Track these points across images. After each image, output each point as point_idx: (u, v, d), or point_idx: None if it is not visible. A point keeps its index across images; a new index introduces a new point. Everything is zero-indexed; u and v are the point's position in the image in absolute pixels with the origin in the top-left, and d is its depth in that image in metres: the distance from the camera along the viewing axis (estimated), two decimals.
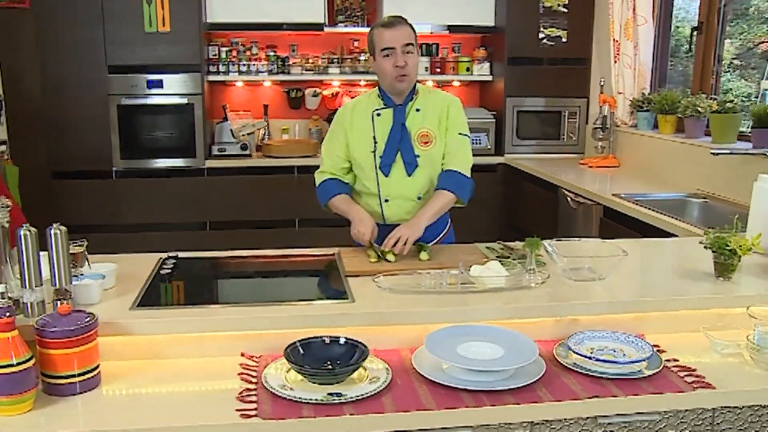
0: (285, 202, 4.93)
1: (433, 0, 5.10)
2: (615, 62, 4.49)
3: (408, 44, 2.40)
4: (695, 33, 4.05)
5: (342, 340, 1.76)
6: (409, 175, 2.50)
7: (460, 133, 2.52)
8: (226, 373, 1.74)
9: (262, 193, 4.92)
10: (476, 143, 5.10)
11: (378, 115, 2.51)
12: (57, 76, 4.62)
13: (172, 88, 4.72)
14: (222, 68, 5.02)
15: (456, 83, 5.55)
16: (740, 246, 2.04)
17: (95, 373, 1.67)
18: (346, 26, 5.19)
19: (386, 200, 2.55)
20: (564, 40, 4.99)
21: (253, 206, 4.95)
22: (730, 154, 3.15)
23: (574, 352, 1.76)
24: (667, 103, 4.06)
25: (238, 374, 1.73)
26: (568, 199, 3.97)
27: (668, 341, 1.93)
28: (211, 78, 5.02)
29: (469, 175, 2.54)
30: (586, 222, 3.76)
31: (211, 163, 4.87)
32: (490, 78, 5.32)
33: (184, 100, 4.74)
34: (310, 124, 5.42)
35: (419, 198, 2.53)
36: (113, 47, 4.62)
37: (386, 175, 2.51)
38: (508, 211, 5.08)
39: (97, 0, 4.54)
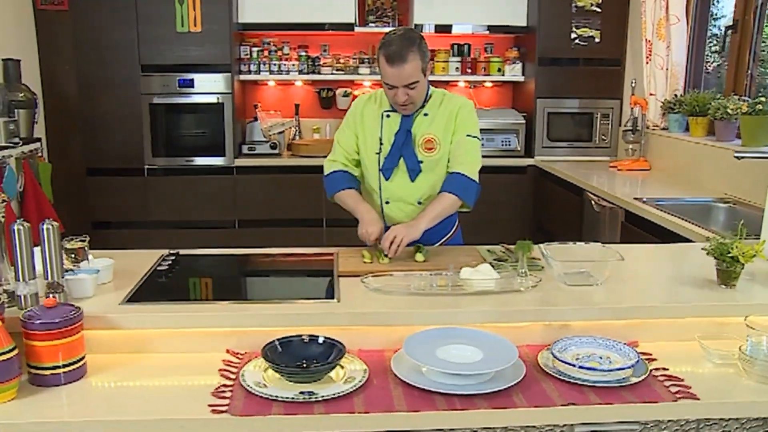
0: (313, 202, 4.96)
1: (465, 0, 5.07)
2: (647, 63, 4.37)
3: (410, 84, 2.30)
4: (730, 32, 3.92)
5: (321, 339, 1.76)
6: (412, 181, 2.48)
7: (468, 135, 2.46)
8: (209, 369, 1.76)
9: (290, 192, 4.97)
10: (505, 145, 5.04)
11: (387, 116, 2.48)
12: (92, 76, 4.77)
13: (203, 88, 4.81)
14: (253, 68, 5.09)
15: (488, 84, 5.50)
16: (743, 253, 1.96)
17: (80, 364, 1.71)
18: (377, 26, 5.20)
19: (387, 202, 2.54)
20: (597, 40, 4.89)
21: (282, 205, 5.00)
22: (755, 158, 3.03)
23: (557, 358, 1.72)
24: (698, 105, 3.93)
25: (219, 370, 1.75)
26: (592, 202, 3.89)
27: (662, 350, 1.87)
28: (243, 77, 5.10)
29: (475, 178, 2.47)
30: (608, 226, 3.68)
31: (240, 162, 4.95)
32: (522, 79, 5.25)
33: (215, 99, 4.83)
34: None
35: (419, 203, 2.51)
36: (146, 47, 4.74)
37: (387, 179, 2.50)
38: (537, 213, 5.01)
39: (131, 1, 4.66)
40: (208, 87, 4.81)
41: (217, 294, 2.01)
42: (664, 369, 1.76)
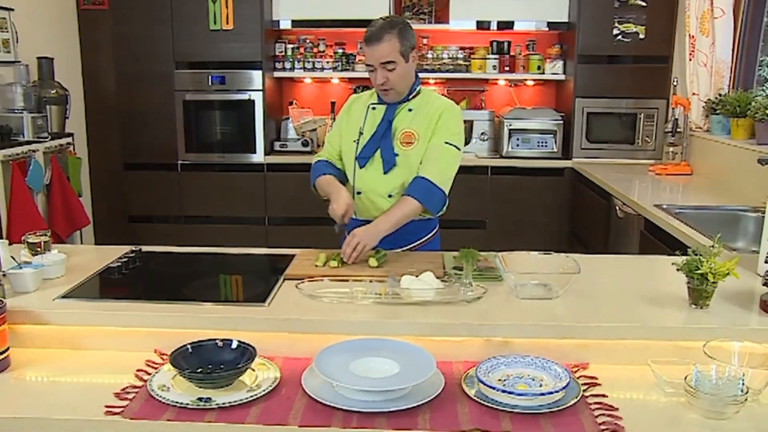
0: None
1: None
2: (689, 60, 4.07)
3: (387, 62, 2.30)
4: None
5: (234, 344, 1.70)
6: (385, 173, 2.44)
7: (446, 142, 2.42)
8: (130, 369, 1.74)
9: None
10: (542, 146, 4.83)
11: (373, 108, 2.50)
12: (130, 73, 4.90)
13: (234, 85, 4.85)
14: (288, 65, 5.09)
15: (530, 82, 5.29)
16: (712, 271, 1.76)
17: (2, 357, 1.72)
18: (412, 23, 5.06)
19: (358, 192, 2.50)
20: (641, 36, 4.60)
21: (311, 203, 4.96)
22: None
23: (479, 379, 1.59)
24: (740, 105, 3.62)
25: (137, 370, 1.72)
26: (617, 208, 3.66)
27: (613, 374, 1.71)
28: (277, 75, 5.11)
29: (442, 186, 2.40)
30: (628, 234, 3.44)
31: (271, 159, 4.96)
32: (563, 77, 5.01)
33: (246, 96, 4.86)
34: None
35: (390, 196, 2.46)
36: (180, 45, 4.83)
37: (361, 167, 2.47)
38: (573, 217, 4.77)
39: (167, 1, 4.75)
40: (240, 84, 4.85)
41: (155, 293, 1.98)
42: (603, 396, 1.60)
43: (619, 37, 4.61)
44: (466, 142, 5.08)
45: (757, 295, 1.95)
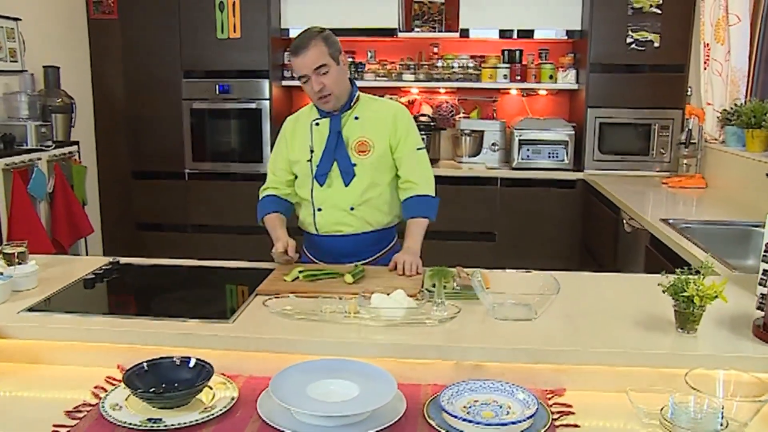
0: None
1: (514, 3, 4.80)
2: (704, 69, 3.94)
3: (319, 67, 2.27)
4: None
5: (192, 362, 1.64)
6: (347, 185, 2.39)
7: (418, 148, 2.44)
8: (90, 385, 1.69)
9: None
10: (553, 157, 4.71)
11: (316, 125, 2.43)
12: (138, 81, 4.90)
13: (241, 94, 4.83)
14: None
15: (542, 92, 5.18)
16: (699, 293, 1.65)
17: None
18: (422, 31, 5.02)
19: (319, 209, 2.44)
20: (656, 44, 4.46)
21: None
22: None
23: (441, 406, 1.50)
24: (755, 116, 3.48)
25: (94, 387, 1.67)
26: (624, 221, 3.53)
27: (589, 401, 1.61)
28: (286, 83, 5.08)
29: (433, 192, 2.44)
30: (636, 250, 3.32)
31: None
32: (576, 87, 4.90)
33: (253, 105, 4.83)
34: None
35: (351, 209, 2.41)
36: (188, 53, 4.82)
37: (321, 185, 2.41)
38: (584, 231, 4.64)
39: (175, 8, 4.76)
40: (247, 93, 4.83)
41: (123, 307, 1.94)
42: (575, 426, 1.50)
43: (633, 45, 4.48)
44: (477, 153, 5.00)
45: (751, 319, 1.83)
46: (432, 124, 5.02)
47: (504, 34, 4.85)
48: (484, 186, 4.75)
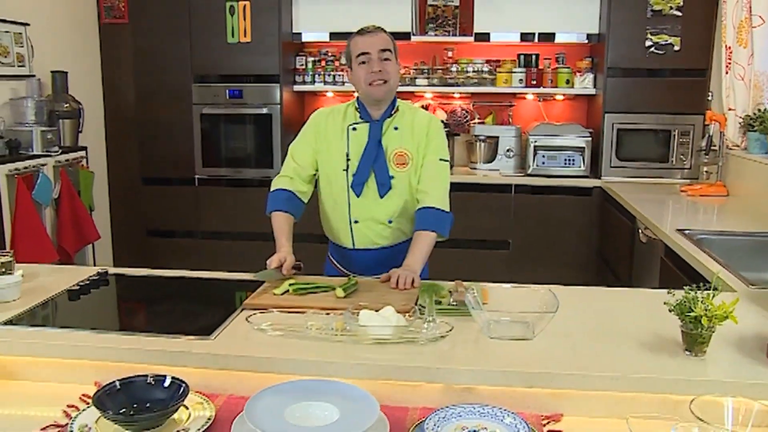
0: None
1: (531, 6, 4.69)
2: (726, 73, 3.79)
3: (385, 50, 2.24)
4: None
5: (167, 381, 1.56)
6: (382, 197, 2.30)
7: (441, 159, 2.32)
8: (64, 403, 1.62)
9: None
10: (569, 164, 4.58)
11: (354, 129, 2.32)
12: (149, 86, 4.87)
13: (252, 99, 4.77)
14: (308, 78, 5.00)
15: (559, 97, 5.05)
16: (708, 314, 1.54)
17: None
18: (436, 35, 4.93)
19: (356, 221, 2.35)
20: (676, 48, 4.32)
21: None
22: None
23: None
24: None
25: (66, 406, 1.60)
26: (640, 231, 3.40)
27: (587, 428, 1.50)
28: (297, 88, 5.02)
29: (447, 208, 2.30)
30: (651, 261, 3.18)
31: None
32: (593, 91, 4.76)
33: (263, 111, 4.77)
34: None
35: (390, 222, 2.33)
36: (198, 58, 4.78)
37: (358, 195, 2.31)
38: (601, 240, 4.50)
39: (185, 12, 4.72)
40: (258, 98, 4.77)
41: (103, 321, 1.87)
42: None
43: (652, 48, 4.34)
44: (491, 159, 4.88)
45: (766, 341, 1.70)
46: (446, 130, 4.90)
47: (525, 37, 4.73)
48: (498, 193, 4.63)
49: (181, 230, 4.99)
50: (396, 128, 2.31)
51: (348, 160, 2.30)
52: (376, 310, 1.72)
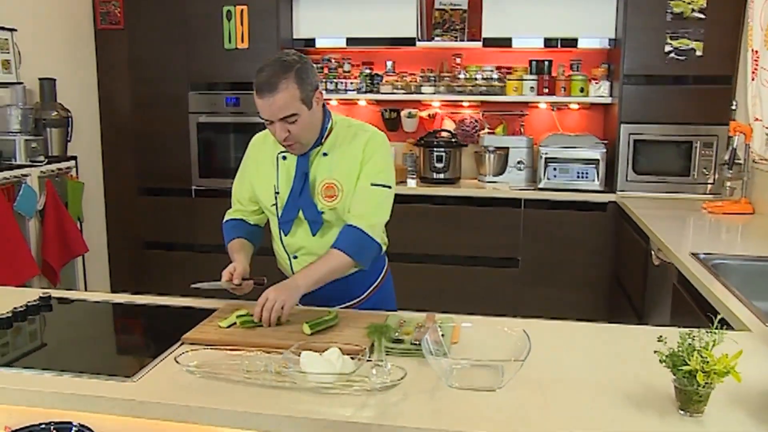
0: None
1: (543, 10, 4.44)
2: (752, 80, 3.49)
3: (285, 117, 1.89)
4: None
5: (73, 429, 1.36)
6: (314, 235, 2.05)
7: (373, 184, 2.01)
8: None
9: None
10: (582, 177, 4.31)
11: (284, 158, 2.06)
12: (144, 94, 4.72)
13: (250, 107, 4.57)
14: None
15: (574, 106, 4.77)
16: (705, 369, 1.28)
17: None
18: (443, 40, 4.69)
19: (295, 257, 2.12)
20: (698, 53, 4.02)
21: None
22: None
23: None
24: None
25: None
26: (653, 253, 3.12)
27: None
28: None
29: (374, 234, 2.00)
30: (664, 287, 2.90)
31: None
32: (609, 100, 4.48)
33: (260, 119, 4.57)
34: (404, 148, 4.97)
35: None
36: (195, 65, 4.61)
37: (286, 234, 2.08)
38: (616, 259, 4.21)
39: (181, 17, 4.56)
40: (254, 106, 4.56)
41: (25, 355, 1.67)
42: None
43: (672, 54, 4.05)
44: (501, 171, 4.62)
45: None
46: (453, 140, 4.68)
47: (549, 43, 4.46)
48: (506, 208, 4.37)
49: (178, 243, 4.82)
50: (325, 154, 2.02)
51: (276, 193, 2.06)
52: (320, 353, 1.49)
